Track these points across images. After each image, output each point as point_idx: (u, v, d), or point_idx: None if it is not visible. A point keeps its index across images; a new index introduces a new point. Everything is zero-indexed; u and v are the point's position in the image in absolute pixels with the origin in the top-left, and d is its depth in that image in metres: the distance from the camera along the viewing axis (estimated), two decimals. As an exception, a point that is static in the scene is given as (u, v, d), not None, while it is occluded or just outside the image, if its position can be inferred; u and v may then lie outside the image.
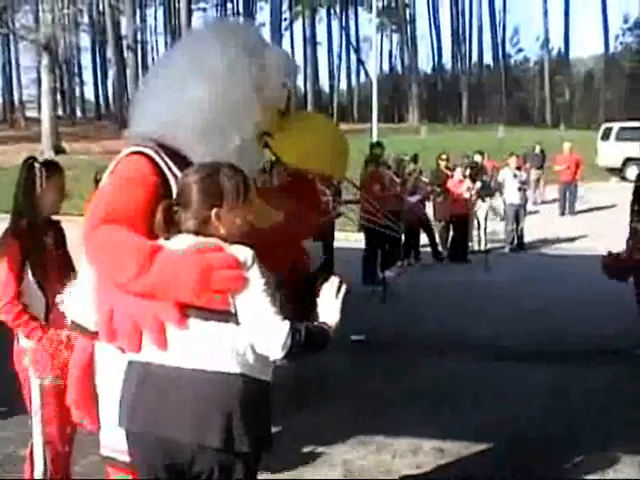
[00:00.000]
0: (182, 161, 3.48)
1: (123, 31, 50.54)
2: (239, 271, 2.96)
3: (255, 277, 2.99)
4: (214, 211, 3.07)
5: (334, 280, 3.26)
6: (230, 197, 3.09)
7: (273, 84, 3.78)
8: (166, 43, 68.69)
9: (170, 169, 3.44)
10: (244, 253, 3.02)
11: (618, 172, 30.09)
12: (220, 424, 2.95)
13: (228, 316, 2.99)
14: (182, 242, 3.07)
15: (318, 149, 4.07)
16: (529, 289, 12.62)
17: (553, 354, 8.83)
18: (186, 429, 2.97)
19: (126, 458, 3.29)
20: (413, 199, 14.90)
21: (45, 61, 35.34)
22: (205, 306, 2.97)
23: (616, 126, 31.46)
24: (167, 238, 3.11)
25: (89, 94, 74.74)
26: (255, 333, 2.98)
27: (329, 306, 3.23)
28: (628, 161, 29.40)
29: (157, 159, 3.43)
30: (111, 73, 55.57)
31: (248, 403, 3.01)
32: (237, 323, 2.98)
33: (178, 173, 3.40)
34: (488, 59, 73.95)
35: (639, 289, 8.69)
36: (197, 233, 3.08)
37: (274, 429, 3.25)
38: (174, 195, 3.28)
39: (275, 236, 3.68)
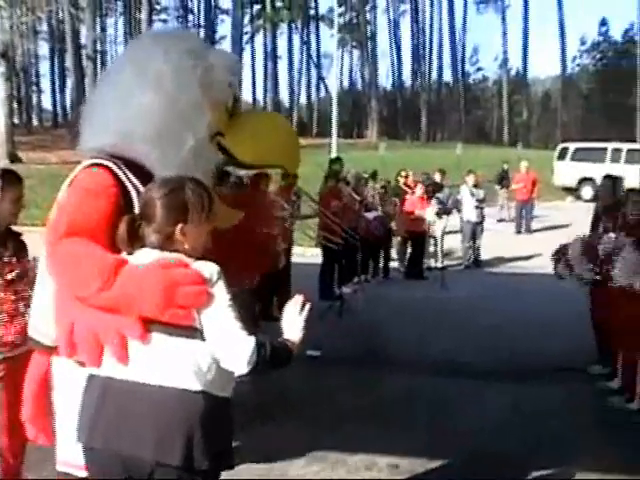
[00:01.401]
0: (139, 170, 3.48)
1: (83, 40, 50.19)
2: (203, 287, 2.95)
3: (220, 293, 2.99)
4: (179, 227, 3.06)
5: (298, 298, 3.31)
6: (195, 213, 3.09)
7: (219, 84, 3.83)
8: (126, 53, 68.35)
9: (129, 180, 3.43)
10: (209, 269, 3.01)
11: (573, 192, 30.44)
12: (180, 442, 2.94)
13: (193, 332, 2.98)
14: (146, 257, 3.05)
15: (273, 145, 4.14)
16: (485, 306, 12.66)
17: (508, 371, 8.87)
18: (146, 446, 2.95)
19: (82, 473, 3.25)
20: (371, 215, 14.91)
21: (2, 68, 34.95)
22: (169, 321, 2.96)
23: (572, 146, 31.88)
24: (130, 253, 3.08)
25: (46, 103, 74.16)
26: (220, 348, 2.98)
27: (292, 324, 3.27)
28: (583, 181, 29.78)
29: (116, 170, 3.42)
30: (69, 82, 55.15)
31: (209, 420, 3.00)
32: (202, 339, 2.97)
33: (137, 183, 3.39)
34: (447, 77, 74.66)
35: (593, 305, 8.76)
36: (161, 248, 3.06)
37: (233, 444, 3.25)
38: (135, 206, 3.27)
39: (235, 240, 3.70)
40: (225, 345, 2.98)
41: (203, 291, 2.95)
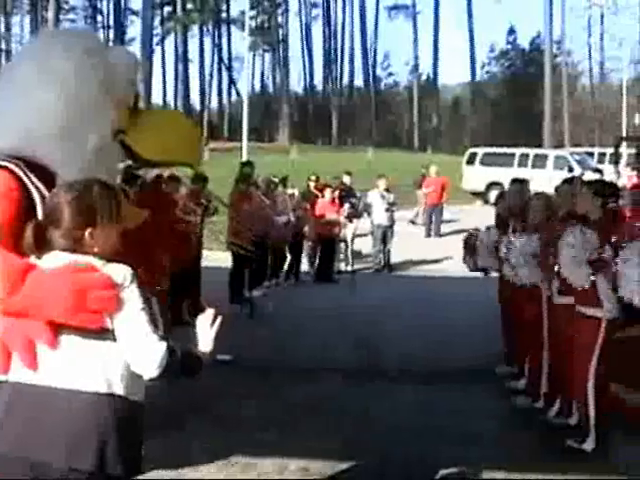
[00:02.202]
0: (42, 171, 3.41)
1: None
2: (113, 291, 2.91)
3: (132, 296, 2.97)
4: (88, 231, 3.01)
5: (209, 312, 3.30)
6: (103, 216, 3.06)
7: (121, 82, 3.82)
8: (33, 54, 67.05)
9: (32, 181, 3.36)
10: (121, 272, 2.98)
11: (482, 195, 30.92)
12: (93, 446, 2.90)
13: (104, 335, 2.95)
14: (55, 260, 2.99)
15: (177, 141, 4.14)
16: (394, 309, 12.77)
17: (417, 373, 8.96)
18: (58, 451, 2.90)
19: None
20: (281, 219, 14.90)
21: None
22: (79, 325, 2.92)
23: (481, 151, 32.43)
24: (39, 257, 3.02)
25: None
26: (131, 351, 2.95)
27: (204, 336, 3.27)
28: (491, 185, 30.25)
29: (19, 173, 3.35)
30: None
31: (121, 425, 2.97)
32: (114, 342, 2.93)
33: (40, 185, 3.33)
34: (359, 82, 75.02)
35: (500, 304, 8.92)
36: (71, 252, 3.00)
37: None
38: (38, 208, 3.20)
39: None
40: (136, 348, 2.95)
41: (113, 296, 2.91)
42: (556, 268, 6.45)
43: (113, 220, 3.09)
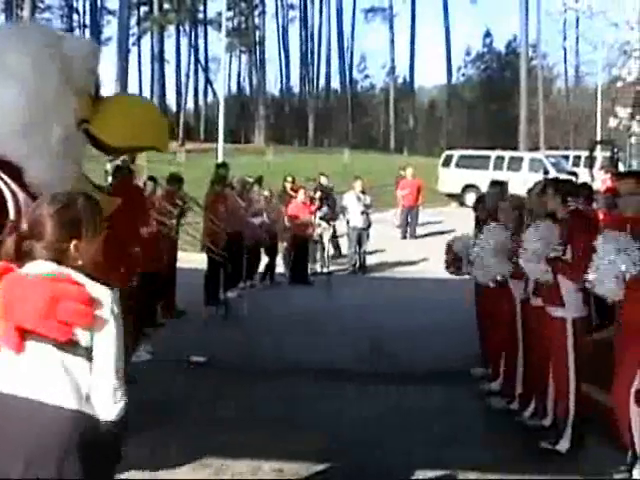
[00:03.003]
0: (10, 167, 3.37)
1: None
2: (88, 307, 2.86)
3: (111, 320, 2.94)
4: (73, 243, 2.99)
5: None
6: (88, 229, 3.04)
7: (79, 71, 3.80)
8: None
9: (1, 178, 3.32)
10: (101, 292, 2.95)
11: (458, 198, 31.00)
12: (52, 463, 2.84)
13: (75, 350, 2.90)
14: (38, 268, 2.96)
15: (142, 125, 4.12)
16: (369, 311, 12.78)
17: (392, 375, 8.97)
18: (16, 463, 2.84)
19: None
20: (256, 221, 14.87)
21: None
22: (46, 334, 2.86)
23: (457, 154, 32.48)
24: (20, 266, 2.98)
25: None
26: (96, 386, 2.93)
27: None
28: (467, 187, 30.34)
29: None
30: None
31: (85, 444, 2.90)
32: (86, 358, 2.89)
33: (9, 181, 3.29)
34: (335, 84, 74.96)
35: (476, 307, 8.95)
36: (55, 263, 2.97)
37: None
38: (7, 204, 3.17)
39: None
40: (99, 390, 2.94)
41: (87, 311, 2.86)
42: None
43: (97, 233, 3.08)
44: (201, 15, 69.18)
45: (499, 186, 9.27)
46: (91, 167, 7.40)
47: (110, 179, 8.93)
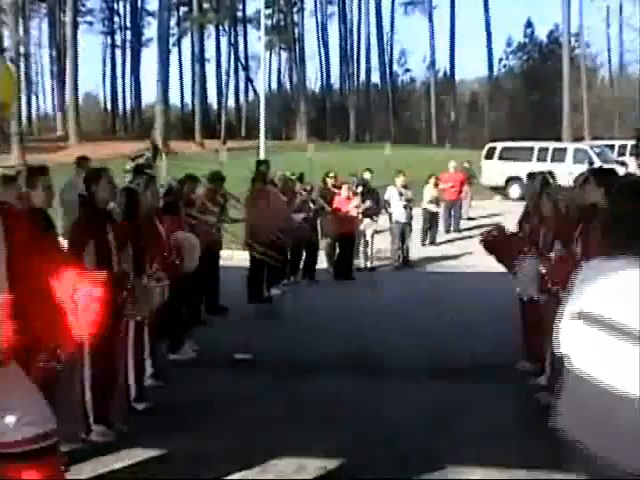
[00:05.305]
0: None
1: (6, 43, 49.17)
2: None
3: None
4: None
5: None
6: None
7: None
8: (51, 56, 67.37)
9: None
10: None
11: (501, 190, 30.73)
12: None
13: None
14: None
15: None
16: (414, 307, 12.69)
17: (437, 370, 8.89)
18: None
19: None
20: (299, 217, 14.84)
21: None
22: None
23: (499, 146, 32.17)
24: None
25: (-30, 108, 72.66)
26: None
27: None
28: (511, 180, 30.06)
29: None
30: (-7, 87, 53.83)
31: None
32: None
33: None
34: (376, 78, 74.80)
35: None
36: None
37: (155, 452, 3.13)
38: None
39: None
40: None
41: None
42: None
43: None
44: (240, 14, 69.46)
45: (538, 178, 9.08)
46: (112, 166, 7.44)
47: (128, 178, 8.87)
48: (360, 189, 17.32)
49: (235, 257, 15.60)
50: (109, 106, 76.66)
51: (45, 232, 5.27)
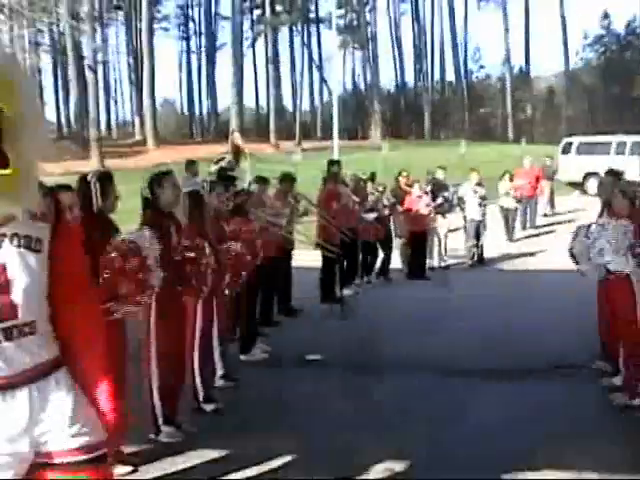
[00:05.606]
0: None
1: (84, 51, 50.12)
2: None
3: None
4: None
5: None
6: None
7: None
8: (128, 63, 68.44)
9: None
10: None
11: (579, 186, 30.21)
12: None
13: None
14: None
15: None
16: (488, 305, 12.56)
17: (512, 369, 8.77)
18: None
19: None
20: (370, 216, 14.82)
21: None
22: None
23: (576, 141, 31.64)
24: None
25: (50, 115, 74.06)
26: None
27: None
28: (588, 175, 29.52)
29: None
30: (72, 94, 54.89)
31: None
32: None
33: None
34: (450, 76, 74.34)
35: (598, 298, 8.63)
36: None
37: (224, 452, 3.14)
38: None
39: None
40: None
41: None
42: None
43: None
44: (313, 15, 69.67)
45: (614, 175, 8.95)
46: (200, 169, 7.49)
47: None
48: (430, 187, 17.23)
49: (308, 257, 15.64)
50: (186, 110, 77.70)
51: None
